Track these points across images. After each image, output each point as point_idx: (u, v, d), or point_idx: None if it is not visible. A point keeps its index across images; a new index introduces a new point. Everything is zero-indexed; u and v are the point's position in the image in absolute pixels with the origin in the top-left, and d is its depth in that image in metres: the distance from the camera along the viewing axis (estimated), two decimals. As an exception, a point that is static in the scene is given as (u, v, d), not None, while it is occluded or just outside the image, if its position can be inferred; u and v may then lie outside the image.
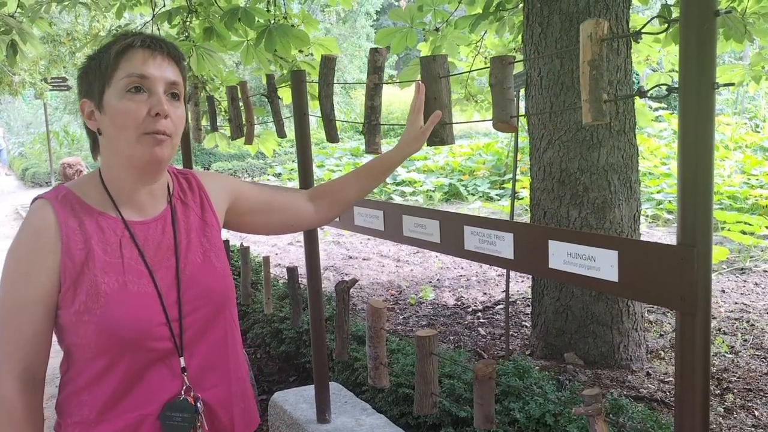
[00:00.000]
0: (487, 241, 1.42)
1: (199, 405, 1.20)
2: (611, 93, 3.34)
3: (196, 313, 1.20)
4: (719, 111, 14.88)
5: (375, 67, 1.75)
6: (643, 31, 1.09)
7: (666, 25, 1.04)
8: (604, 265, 1.16)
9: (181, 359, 1.18)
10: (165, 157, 1.15)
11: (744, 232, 6.08)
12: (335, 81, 1.98)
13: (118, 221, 1.18)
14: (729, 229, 6.16)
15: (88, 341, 1.12)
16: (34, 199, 1.19)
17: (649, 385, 3.28)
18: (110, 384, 1.14)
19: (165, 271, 1.19)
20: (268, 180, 15.89)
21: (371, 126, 1.81)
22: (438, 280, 5.75)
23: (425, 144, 1.52)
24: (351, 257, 6.90)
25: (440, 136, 1.55)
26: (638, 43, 1.25)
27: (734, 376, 3.38)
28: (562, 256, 1.24)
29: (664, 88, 1.05)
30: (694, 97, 1.01)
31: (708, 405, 1.08)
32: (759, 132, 12.23)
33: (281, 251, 7.42)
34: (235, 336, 1.31)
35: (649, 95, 1.09)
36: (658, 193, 8.15)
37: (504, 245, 1.37)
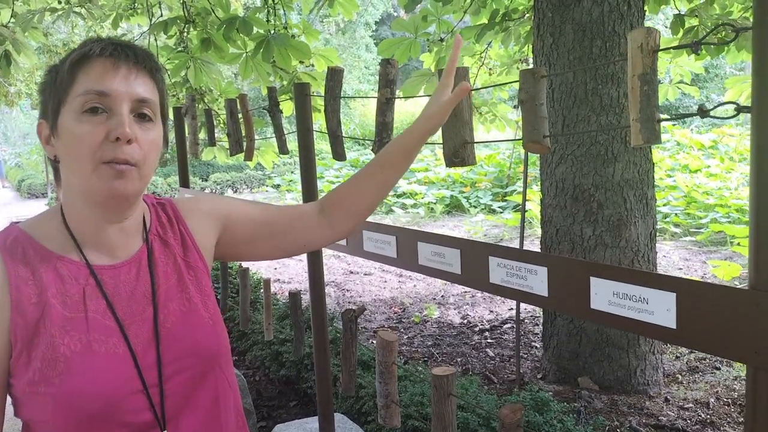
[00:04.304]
0: (516, 274, 1.26)
1: None
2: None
3: (180, 375, 0.98)
4: (720, 123, 14.78)
5: (387, 80, 1.61)
6: (704, 41, 0.94)
7: (734, 35, 0.90)
8: (659, 308, 1.01)
9: None
10: (129, 191, 0.94)
11: (755, 247, 5.93)
12: (342, 95, 1.84)
13: (81, 266, 0.97)
14: (740, 244, 6.02)
15: (46, 417, 0.90)
16: None
17: (669, 412, 3.12)
18: None
19: (140, 325, 0.97)
20: (266, 191, 15.75)
21: (383, 144, 1.66)
22: (442, 296, 5.59)
23: (447, 165, 1.37)
24: (352, 272, 6.74)
25: (461, 156, 1.41)
26: (698, 54, 1.11)
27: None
28: (606, 295, 1.09)
29: (732, 107, 0.91)
30: (771, 118, 0.87)
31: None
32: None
33: (280, 265, 7.26)
34: (229, 400, 1.06)
35: (710, 114, 0.94)
36: (664, 206, 8.01)
37: (536, 280, 1.22)
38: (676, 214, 7.83)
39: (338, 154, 1.92)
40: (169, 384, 0.96)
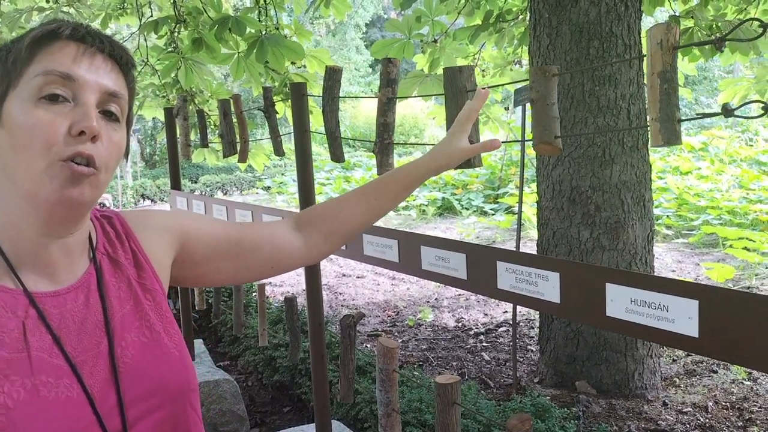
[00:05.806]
0: (526, 280, 1.22)
1: None
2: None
3: (147, 419, 0.82)
4: (710, 124, 14.85)
5: (388, 80, 1.56)
6: (728, 38, 0.90)
7: (762, 30, 0.87)
8: (679, 316, 0.97)
9: None
10: (85, 199, 0.77)
11: (747, 249, 5.94)
12: (342, 95, 1.79)
13: (17, 295, 0.78)
14: (732, 246, 6.02)
15: None
16: None
17: (668, 417, 3.09)
18: None
19: (94, 362, 0.80)
20: (257, 193, 15.64)
21: (384, 145, 1.62)
22: (436, 299, 5.55)
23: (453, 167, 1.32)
24: (344, 275, 6.68)
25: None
26: (721, 51, 1.07)
27: (755, 405, 3.20)
28: (623, 302, 1.05)
29: (759, 106, 0.87)
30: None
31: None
32: (752, 146, 12.19)
33: (272, 269, 7.19)
34: None
35: (735, 114, 0.91)
36: (656, 208, 8.01)
37: (547, 286, 1.18)
38: (667, 216, 7.83)
39: (336, 155, 1.87)
40: (136, 429, 0.81)
